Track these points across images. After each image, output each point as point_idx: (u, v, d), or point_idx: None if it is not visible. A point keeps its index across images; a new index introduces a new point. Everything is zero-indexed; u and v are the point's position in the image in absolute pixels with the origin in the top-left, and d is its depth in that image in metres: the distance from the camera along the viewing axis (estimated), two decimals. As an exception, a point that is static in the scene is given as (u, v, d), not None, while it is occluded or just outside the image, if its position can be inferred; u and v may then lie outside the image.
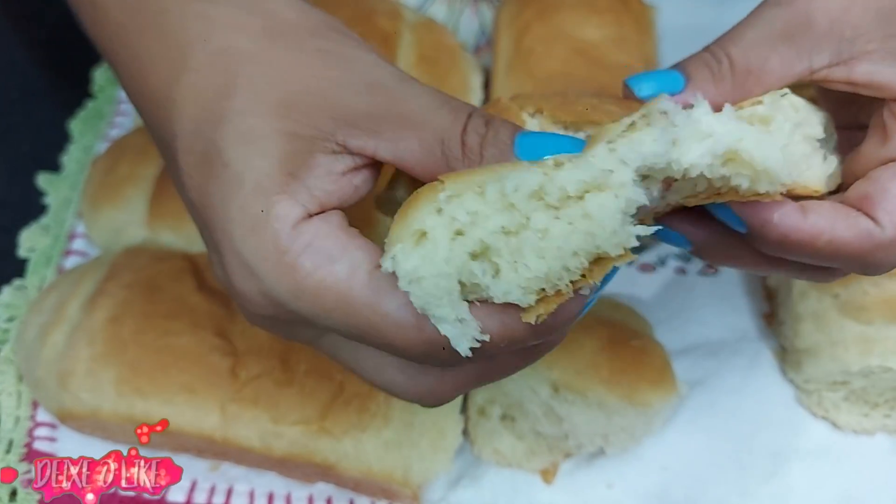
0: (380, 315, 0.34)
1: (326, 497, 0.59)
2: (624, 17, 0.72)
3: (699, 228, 0.42)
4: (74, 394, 0.56)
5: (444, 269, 0.32)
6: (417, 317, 0.33)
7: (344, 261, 0.34)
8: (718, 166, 0.36)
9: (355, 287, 0.34)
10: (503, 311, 0.33)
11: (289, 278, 0.34)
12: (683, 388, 0.59)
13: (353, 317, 0.34)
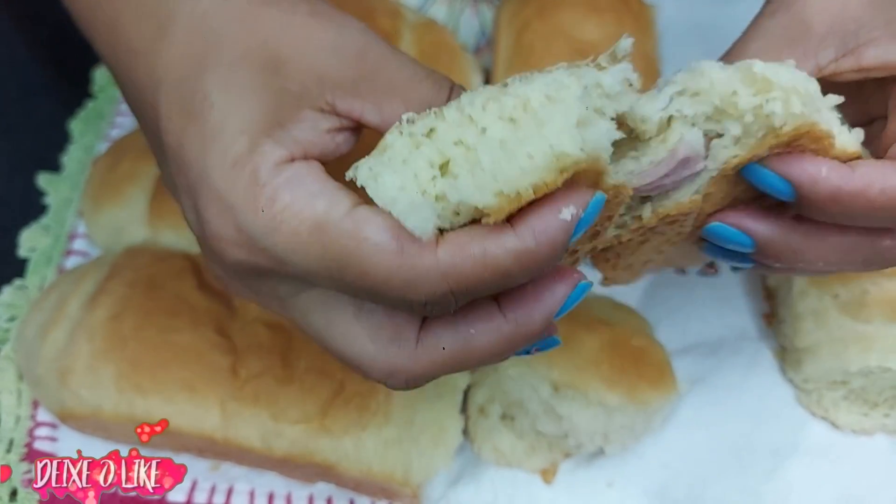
0: (359, 240, 0.33)
1: (327, 497, 0.59)
2: (624, 16, 0.72)
3: (760, 222, 0.40)
4: (74, 391, 0.56)
5: (403, 168, 0.34)
6: (398, 240, 0.33)
7: (324, 197, 0.34)
8: (749, 95, 0.36)
9: (334, 217, 0.34)
10: (472, 229, 0.33)
11: (266, 211, 0.34)
12: (683, 386, 0.59)
13: (331, 247, 0.33)
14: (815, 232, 0.40)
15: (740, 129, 0.37)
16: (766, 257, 0.41)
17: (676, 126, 0.38)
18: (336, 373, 0.55)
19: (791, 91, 0.36)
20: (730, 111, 0.37)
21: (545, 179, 0.32)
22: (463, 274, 0.33)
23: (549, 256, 0.33)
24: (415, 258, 0.33)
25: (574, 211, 0.33)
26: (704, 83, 0.37)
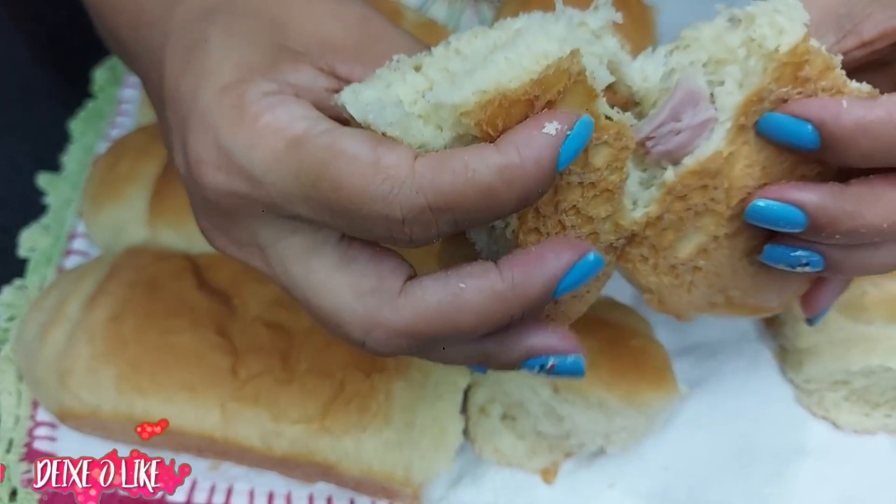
0: (335, 151, 0.33)
1: (327, 496, 0.59)
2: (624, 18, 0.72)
3: (806, 190, 0.37)
4: (74, 392, 0.56)
5: (386, 91, 0.34)
6: (375, 150, 0.32)
7: (306, 120, 0.34)
8: (736, 33, 0.38)
9: (312, 133, 0.33)
10: (455, 148, 0.33)
11: (247, 127, 0.34)
12: (684, 388, 0.59)
13: (306, 161, 0.33)
14: (866, 190, 0.37)
15: (739, 71, 0.38)
16: (823, 230, 0.37)
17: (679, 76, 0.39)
18: (336, 373, 0.55)
19: (773, 12, 0.37)
20: (723, 55, 0.38)
21: (523, 79, 0.32)
22: (443, 188, 0.32)
23: (537, 176, 0.32)
24: (391, 168, 0.32)
25: (559, 126, 0.32)
26: (693, 34, 0.39)
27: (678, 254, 0.41)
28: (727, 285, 0.45)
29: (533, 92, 0.33)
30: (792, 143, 0.37)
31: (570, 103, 0.34)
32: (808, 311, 0.47)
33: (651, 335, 0.60)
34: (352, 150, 0.32)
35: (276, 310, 0.58)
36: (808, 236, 0.38)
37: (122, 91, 0.79)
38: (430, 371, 0.57)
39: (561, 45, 0.33)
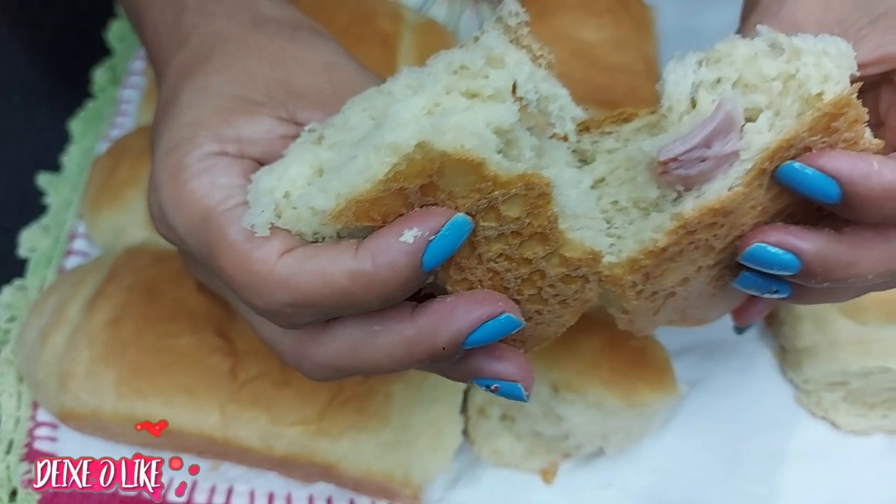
0: (221, 235, 0.35)
1: (326, 497, 0.59)
2: (623, 19, 0.72)
3: (806, 238, 0.37)
4: (75, 395, 0.56)
5: (284, 172, 0.36)
6: (250, 243, 0.35)
7: (223, 191, 0.36)
8: (774, 61, 0.35)
9: (218, 209, 0.36)
10: (324, 245, 0.35)
11: (177, 190, 0.37)
12: (683, 388, 0.59)
13: (206, 236, 0.36)
14: (860, 241, 0.37)
15: (771, 108, 0.35)
16: (813, 276, 0.37)
17: (702, 94, 0.36)
18: (335, 375, 0.56)
19: (821, 53, 0.35)
20: (755, 81, 0.36)
21: (374, 180, 0.32)
22: (299, 288, 0.34)
23: (394, 281, 0.33)
24: (255, 263, 0.34)
25: (418, 233, 0.33)
26: (726, 49, 0.36)
27: (665, 283, 0.40)
28: (689, 306, 0.44)
29: (392, 187, 0.32)
30: (813, 196, 0.36)
31: (450, 179, 0.32)
32: (741, 322, 0.49)
33: (651, 335, 0.60)
34: (231, 238, 0.35)
35: (276, 311, 0.58)
36: (796, 280, 0.38)
37: (121, 91, 0.79)
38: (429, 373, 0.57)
39: (418, 124, 0.31)
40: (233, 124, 0.38)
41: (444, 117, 0.32)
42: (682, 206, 0.36)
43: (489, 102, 0.33)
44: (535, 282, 0.37)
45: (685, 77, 0.36)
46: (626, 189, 0.39)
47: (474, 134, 0.32)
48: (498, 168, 0.32)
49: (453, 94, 0.33)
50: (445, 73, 0.33)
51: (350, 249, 0.34)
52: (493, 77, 0.33)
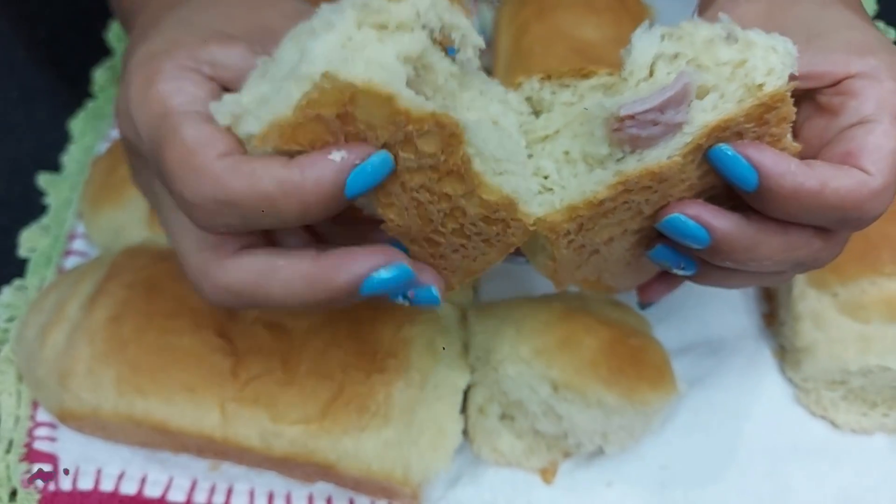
0: (175, 130, 0.37)
1: (326, 496, 0.59)
2: (622, 17, 0.72)
3: (719, 217, 0.41)
4: (75, 393, 0.56)
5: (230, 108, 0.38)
6: (196, 139, 0.37)
7: (185, 96, 0.39)
8: (728, 48, 0.39)
9: (177, 110, 0.38)
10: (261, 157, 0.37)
11: (145, 88, 0.39)
12: (683, 386, 0.59)
13: (159, 131, 0.38)
14: (763, 228, 0.41)
15: (715, 83, 0.38)
16: (718, 253, 0.42)
17: (660, 65, 0.40)
18: (336, 375, 0.55)
19: (770, 48, 0.38)
20: (707, 63, 0.39)
21: (293, 106, 0.34)
22: (229, 184, 0.36)
23: (317, 194, 0.36)
24: (197, 157, 0.37)
25: (345, 156, 0.36)
26: (689, 29, 0.39)
27: (594, 238, 0.43)
28: (606, 269, 0.49)
29: (309, 114, 0.35)
30: (733, 180, 0.40)
31: (366, 111, 0.35)
32: (645, 299, 0.54)
33: (650, 334, 0.60)
34: (182, 134, 0.37)
35: (276, 311, 0.58)
36: (703, 254, 0.43)
37: (121, 91, 0.79)
38: (430, 372, 0.57)
39: (329, 57, 0.34)
40: (209, 48, 0.40)
41: (354, 51, 0.34)
42: (624, 165, 0.40)
43: (396, 34, 0.35)
44: (457, 217, 0.40)
45: (650, 47, 0.40)
46: (578, 142, 0.42)
47: (382, 66, 0.34)
48: (409, 103, 0.35)
49: (364, 28, 0.35)
50: (352, 9, 0.35)
51: (282, 160, 0.36)
52: (394, 9, 0.35)
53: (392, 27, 0.35)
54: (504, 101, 0.44)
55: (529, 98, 0.45)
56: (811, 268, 0.44)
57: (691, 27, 0.40)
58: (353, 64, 0.34)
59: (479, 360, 0.59)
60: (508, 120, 0.43)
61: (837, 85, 0.42)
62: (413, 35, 0.36)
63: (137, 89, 0.39)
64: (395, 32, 0.35)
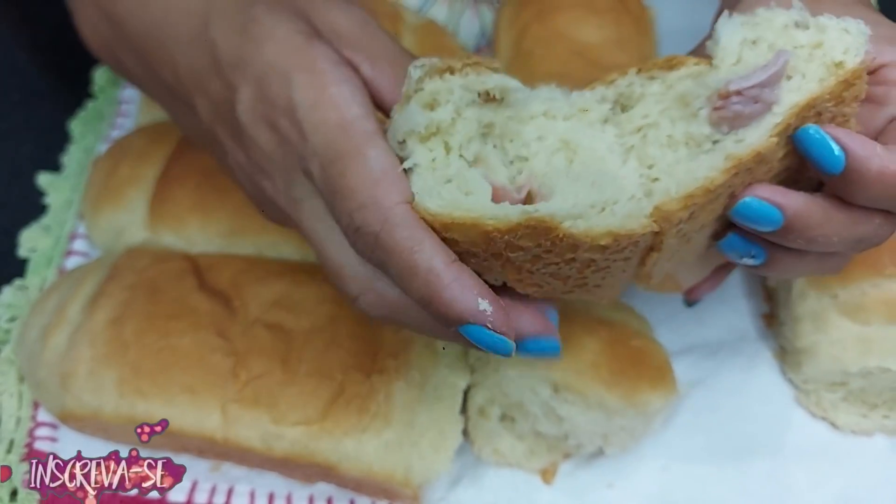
0: (360, 151, 0.39)
1: (327, 497, 0.59)
2: (623, 19, 0.72)
3: (789, 195, 0.41)
4: (76, 395, 0.56)
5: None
6: (385, 173, 0.38)
7: (359, 107, 0.40)
8: (804, 32, 0.41)
9: (358, 125, 0.40)
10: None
11: (315, 90, 0.40)
12: (683, 388, 0.59)
13: (340, 143, 0.39)
14: (830, 204, 0.41)
15: (795, 65, 0.40)
16: (791, 231, 0.41)
17: (747, 52, 0.41)
18: (336, 375, 0.55)
19: (843, 30, 0.40)
20: (786, 46, 0.40)
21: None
22: (390, 239, 0.38)
23: (441, 307, 0.37)
24: (381, 196, 0.38)
25: (487, 310, 0.37)
26: (766, 15, 0.41)
27: (695, 225, 0.43)
28: (683, 261, 0.49)
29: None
30: (819, 163, 0.40)
31: (461, 235, 0.38)
32: (693, 296, 0.58)
33: (651, 335, 0.60)
34: (370, 162, 0.38)
35: (277, 311, 0.58)
36: (775, 237, 0.42)
37: (122, 92, 0.79)
38: (430, 372, 0.57)
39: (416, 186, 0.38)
40: (319, 39, 0.43)
41: (431, 184, 0.38)
42: (724, 147, 0.40)
43: (452, 144, 0.39)
44: (590, 265, 0.41)
45: (735, 34, 0.41)
46: (680, 126, 0.42)
47: (459, 192, 0.38)
48: (494, 222, 0.37)
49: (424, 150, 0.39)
50: (413, 141, 0.39)
51: (448, 258, 0.38)
52: (437, 116, 0.39)
53: (445, 137, 0.39)
54: (572, 111, 0.43)
55: (620, 94, 0.44)
56: (869, 245, 0.44)
57: (768, 14, 0.41)
58: (429, 198, 0.38)
59: (480, 360, 0.59)
60: (583, 135, 0.42)
61: (874, 74, 0.43)
62: (464, 126, 0.39)
63: (306, 92, 0.40)
64: (452, 145, 0.39)
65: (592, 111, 0.43)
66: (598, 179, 0.40)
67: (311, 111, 0.40)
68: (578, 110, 0.42)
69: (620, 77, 0.43)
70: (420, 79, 0.39)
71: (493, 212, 0.37)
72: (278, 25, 0.42)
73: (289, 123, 0.41)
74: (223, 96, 0.45)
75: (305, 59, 0.41)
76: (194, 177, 0.64)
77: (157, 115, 0.73)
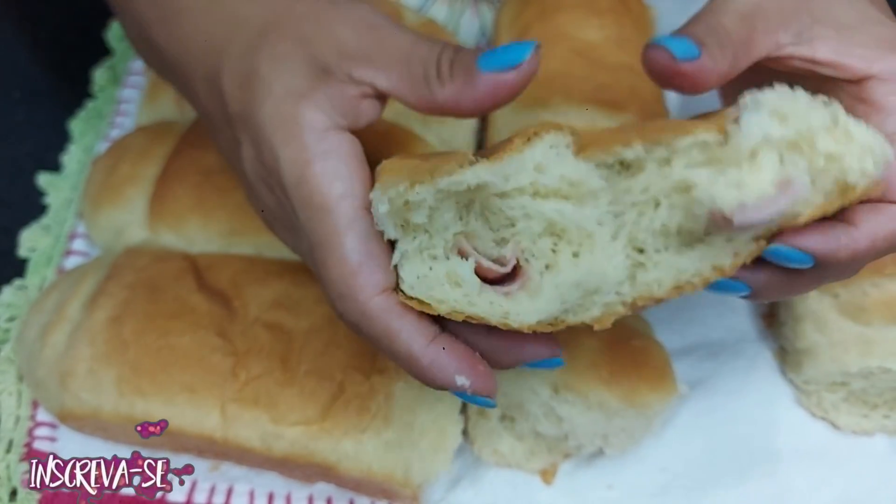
0: (336, 235, 0.40)
1: (326, 497, 0.59)
2: (624, 18, 0.72)
3: (758, 273, 0.42)
4: (75, 394, 0.56)
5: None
6: (361, 264, 0.39)
7: (343, 184, 0.40)
8: (828, 139, 0.38)
9: (336, 208, 0.40)
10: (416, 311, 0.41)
11: (299, 168, 0.40)
12: (683, 388, 0.59)
13: (319, 226, 0.40)
14: (793, 276, 0.43)
15: (808, 167, 0.38)
16: (762, 298, 0.44)
17: (766, 153, 0.38)
18: (336, 375, 0.55)
19: (866, 150, 0.38)
20: (806, 147, 0.38)
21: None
22: (373, 327, 0.40)
23: (429, 381, 0.40)
24: (357, 288, 0.40)
25: (466, 384, 0.40)
26: (798, 108, 0.38)
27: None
28: None
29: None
30: (793, 266, 0.41)
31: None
32: None
33: (651, 335, 0.60)
34: (345, 252, 0.40)
35: (277, 311, 0.58)
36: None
37: (121, 91, 0.79)
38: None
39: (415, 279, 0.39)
40: (319, 88, 0.42)
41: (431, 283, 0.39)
42: (717, 257, 0.40)
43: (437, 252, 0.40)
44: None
45: (758, 130, 0.38)
46: (676, 216, 0.40)
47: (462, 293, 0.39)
48: (518, 326, 0.39)
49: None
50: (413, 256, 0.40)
51: (426, 338, 0.40)
52: (415, 217, 0.39)
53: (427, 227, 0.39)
54: (562, 185, 0.39)
55: (622, 161, 0.40)
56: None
57: (803, 109, 0.38)
58: (418, 291, 0.39)
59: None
60: (572, 216, 0.40)
61: (860, 84, 0.43)
62: (443, 216, 0.39)
63: (291, 168, 0.41)
64: (434, 232, 0.39)
65: (586, 184, 0.39)
66: (583, 279, 0.39)
67: (296, 189, 0.41)
68: (569, 185, 0.39)
69: (623, 147, 0.39)
70: (387, 212, 0.38)
71: (482, 311, 0.38)
72: (276, 80, 0.42)
73: (282, 194, 0.42)
74: (232, 145, 0.46)
75: (293, 130, 0.41)
76: (194, 176, 0.64)
77: (157, 114, 0.73)
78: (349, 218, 0.40)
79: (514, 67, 0.41)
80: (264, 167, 0.43)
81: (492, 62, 0.41)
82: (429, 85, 0.42)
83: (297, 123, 0.41)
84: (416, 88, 0.42)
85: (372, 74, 0.42)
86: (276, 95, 0.42)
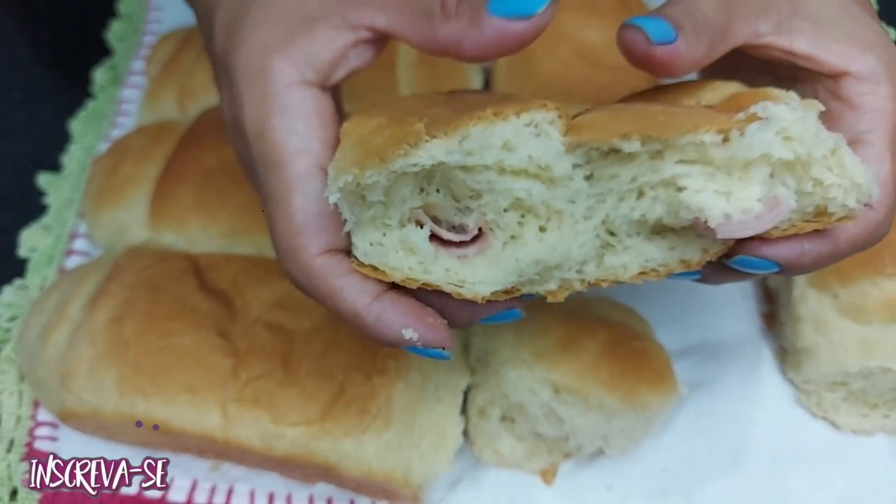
0: (290, 188, 0.39)
1: (327, 497, 0.59)
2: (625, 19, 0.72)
3: (783, 246, 0.41)
4: (76, 394, 0.56)
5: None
6: (306, 214, 0.39)
7: (300, 139, 0.40)
8: (823, 166, 0.38)
9: (293, 162, 0.39)
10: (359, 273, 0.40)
11: (259, 121, 0.40)
12: (683, 389, 0.59)
13: (274, 180, 0.40)
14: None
15: (796, 186, 0.38)
16: (790, 271, 0.43)
17: (758, 166, 0.38)
18: (337, 376, 0.55)
19: (855, 183, 0.38)
20: (800, 170, 0.38)
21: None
22: (316, 287, 0.39)
23: (376, 338, 0.39)
24: (300, 246, 0.39)
25: (414, 336, 0.39)
26: (806, 135, 0.37)
27: None
28: None
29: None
30: (758, 272, 0.42)
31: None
32: None
33: (651, 336, 0.60)
34: (292, 210, 0.39)
35: (277, 312, 0.58)
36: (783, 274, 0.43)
37: (122, 91, 0.79)
38: (430, 373, 0.57)
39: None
40: (297, 43, 0.41)
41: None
42: (685, 254, 0.41)
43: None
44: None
45: (763, 145, 0.37)
46: (657, 210, 0.39)
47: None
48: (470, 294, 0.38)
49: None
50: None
51: (371, 296, 0.39)
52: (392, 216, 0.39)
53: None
54: (530, 166, 0.38)
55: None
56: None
57: (811, 136, 0.37)
58: (369, 257, 0.38)
59: (480, 361, 0.59)
60: (541, 194, 0.38)
61: (836, 80, 0.43)
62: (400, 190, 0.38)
63: (252, 120, 0.40)
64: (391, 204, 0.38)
65: (555, 170, 0.37)
66: (546, 256, 0.38)
67: (256, 141, 0.40)
68: (538, 167, 0.37)
69: (620, 139, 0.37)
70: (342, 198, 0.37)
71: (436, 278, 0.38)
72: (255, 30, 0.41)
73: (246, 146, 0.42)
74: (219, 86, 0.46)
75: (259, 82, 0.40)
76: (195, 176, 0.64)
77: (158, 114, 0.73)
78: (300, 175, 0.39)
79: (526, 17, 0.39)
80: (234, 116, 0.42)
81: (503, 7, 0.39)
82: (431, 20, 0.40)
83: (263, 76, 0.40)
84: (416, 24, 0.41)
85: (370, 15, 0.41)
86: (250, 46, 0.41)
